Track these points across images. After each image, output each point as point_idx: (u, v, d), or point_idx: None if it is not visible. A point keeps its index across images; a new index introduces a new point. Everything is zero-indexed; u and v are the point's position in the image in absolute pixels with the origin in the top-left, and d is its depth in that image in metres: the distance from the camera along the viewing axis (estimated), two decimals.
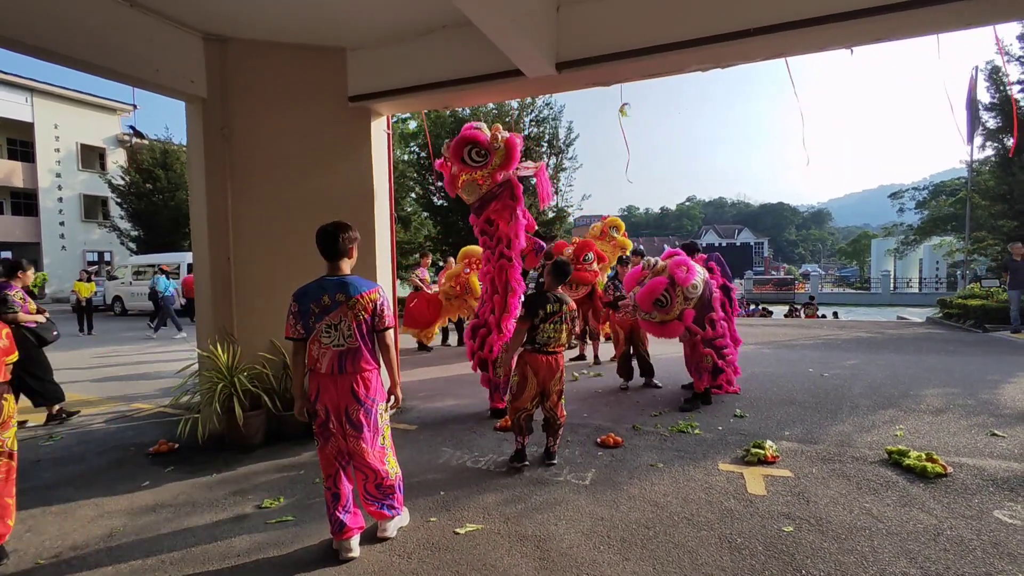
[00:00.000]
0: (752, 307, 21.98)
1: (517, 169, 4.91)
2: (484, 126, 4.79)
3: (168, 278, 13.50)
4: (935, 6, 3.23)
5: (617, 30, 4.00)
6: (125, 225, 23.00)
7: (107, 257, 28.46)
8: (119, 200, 22.72)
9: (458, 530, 3.00)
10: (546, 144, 16.90)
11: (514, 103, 16.65)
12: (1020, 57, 11.89)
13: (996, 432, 4.39)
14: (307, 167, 4.99)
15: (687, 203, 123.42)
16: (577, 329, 5.09)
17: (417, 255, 17.53)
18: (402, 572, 2.62)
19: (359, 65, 4.96)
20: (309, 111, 5.00)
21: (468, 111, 16.57)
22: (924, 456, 3.74)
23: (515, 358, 3.97)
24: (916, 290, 38.60)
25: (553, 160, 17.20)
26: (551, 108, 16.91)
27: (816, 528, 2.95)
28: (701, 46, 3.76)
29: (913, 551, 2.70)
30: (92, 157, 28.87)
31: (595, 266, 7.50)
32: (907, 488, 3.42)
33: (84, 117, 28.22)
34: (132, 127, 25.50)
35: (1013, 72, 12.21)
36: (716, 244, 69.96)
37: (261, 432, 4.57)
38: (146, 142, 23.09)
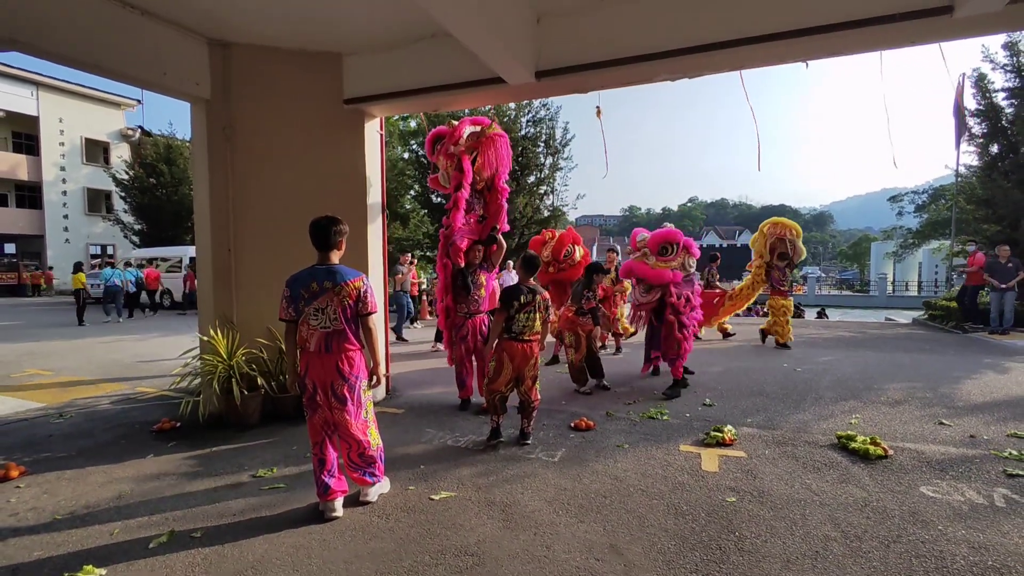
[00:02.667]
0: (747, 308, 22.21)
1: (471, 140, 5.06)
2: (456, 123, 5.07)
3: (125, 268, 16.17)
4: (875, 26, 3.53)
5: (592, 42, 4.30)
6: (128, 219, 23.37)
7: (110, 251, 28.85)
8: (123, 194, 23.09)
9: (433, 496, 3.32)
10: (542, 144, 17.19)
11: (512, 103, 16.93)
12: (1005, 65, 12.18)
13: (944, 421, 4.69)
14: (303, 165, 5.30)
15: (689, 204, 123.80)
16: (552, 317, 5.21)
17: (417, 252, 17.86)
18: (380, 530, 2.94)
19: (354, 70, 5.27)
20: (306, 112, 5.31)
21: (467, 110, 16.88)
22: (869, 440, 4.04)
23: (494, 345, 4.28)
24: (914, 293, 38.81)
25: (550, 160, 17.50)
26: (548, 109, 17.22)
27: (757, 499, 3.26)
28: (668, 58, 4.07)
29: (839, 518, 3.01)
30: (96, 151, 29.24)
31: (577, 257, 7.58)
32: (848, 468, 3.72)
33: (89, 111, 28.60)
34: (140, 127, 25.85)
35: (998, 79, 12.50)
36: (717, 245, 70.19)
37: (258, 412, 4.89)
38: (150, 138, 23.43)
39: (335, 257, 3.14)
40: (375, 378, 3.23)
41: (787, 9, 3.78)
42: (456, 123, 5.06)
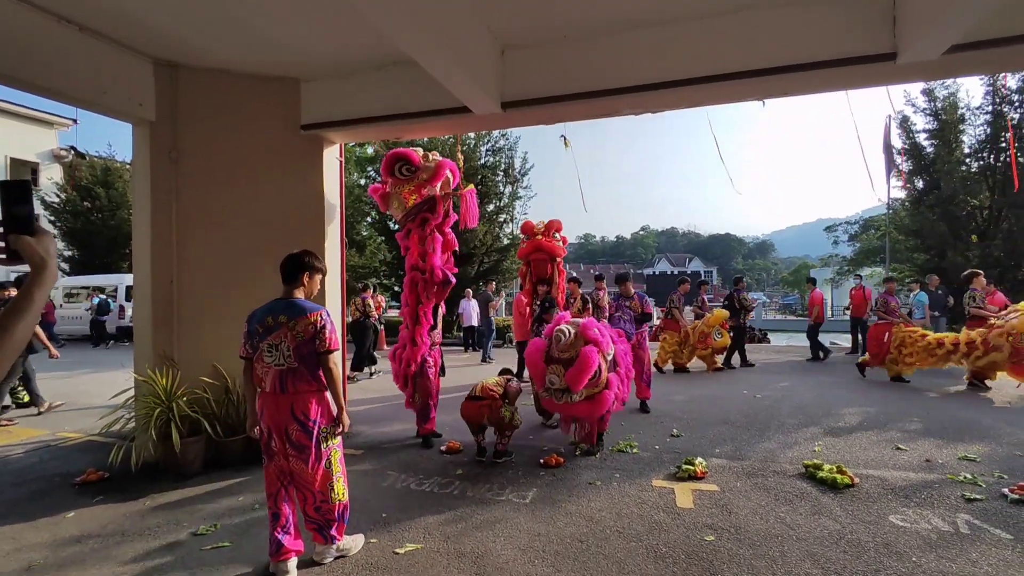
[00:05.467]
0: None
1: (446, 188, 5.11)
2: (420, 150, 5.05)
3: None
4: (825, 69, 3.71)
5: (558, 75, 4.33)
6: (59, 245, 21.74)
7: None
8: (52, 218, 21.51)
9: (398, 550, 3.06)
10: (502, 173, 17.35)
11: (471, 133, 17.07)
12: (924, 109, 13.36)
13: (900, 446, 4.83)
14: (257, 192, 5.03)
15: (641, 232, 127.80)
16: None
17: (373, 280, 17.45)
18: None
19: (313, 95, 5.09)
20: (261, 137, 5.07)
21: (426, 139, 16.87)
22: (835, 469, 4.08)
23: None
24: (848, 317, 41.12)
25: (509, 189, 17.65)
26: (506, 139, 17.45)
27: (735, 537, 3.18)
28: (631, 93, 4.14)
29: (817, 554, 2.96)
30: (23, 172, 27.21)
31: (558, 239, 7.70)
32: (819, 498, 3.72)
33: (16, 129, 26.60)
34: (73, 147, 24.37)
35: (920, 122, 13.68)
36: (669, 272, 72.49)
37: (200, 459, 4.46)
38: (85, 159, 22.13)
39: (299, 293, 2.91)
40: (340, 425, 2.92)
41: (743, 51, 3.94)
42: (433, 158, 5.02)
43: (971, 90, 19.69)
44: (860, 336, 11.18)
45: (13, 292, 6.99)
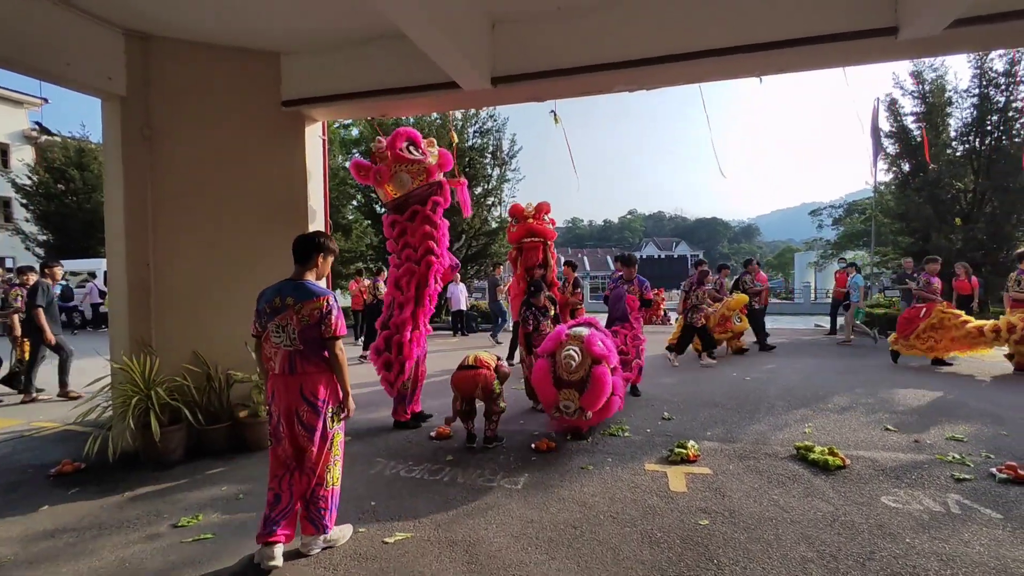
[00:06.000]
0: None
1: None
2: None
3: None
4: (824, 43, 3.61)
5: (549, 50, 4.17)
6: (32, 228, 21.04)
7: (9, 263, 25.86)
8: (24, 201, 20.78)
9: (387, 539, 2.98)
10: (489, 155, 17.08)
11: (457, 113, 16.74)
12: (912, 92, 13.35)
13: (889, 427, 4.85)
14: (237, 172, 4.82)
15: (629, 216, 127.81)
16: None
17: (360, 264, 17.20)
18: None
19: (294, 70, 4.87)
20: (240, 114, 4.85)
21: (412, 119, 16.51)
22: (827, 451, 4.08)
23: None
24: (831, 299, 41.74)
25: (496, 171, 17.40)
26: (495, 120, 17.15)
27: (729, 520, 3.15)
28: (625, 69, 4.00)
29: (811, 536, 2.95)
30: None
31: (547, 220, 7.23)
32: (811, 480, 3.72)
33: None
34: (38, 123, 23.48)
35: (907, 104, 13.67)
36: (656, 256, 72.79)
37: (181, 448, 4.33)
38: (58, 139, 21.35)
39: (310, 275, 2.89)
40: (345, 410, 2.93)
41: (741, 26, 3.82)
42: (436, 150, 5.04)
43: (959, 72, 19.91)
44: (839, 319, 11.48)
45: (34, 277, 7.04)
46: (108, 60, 4.38)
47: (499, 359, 4.62)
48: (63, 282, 15.41)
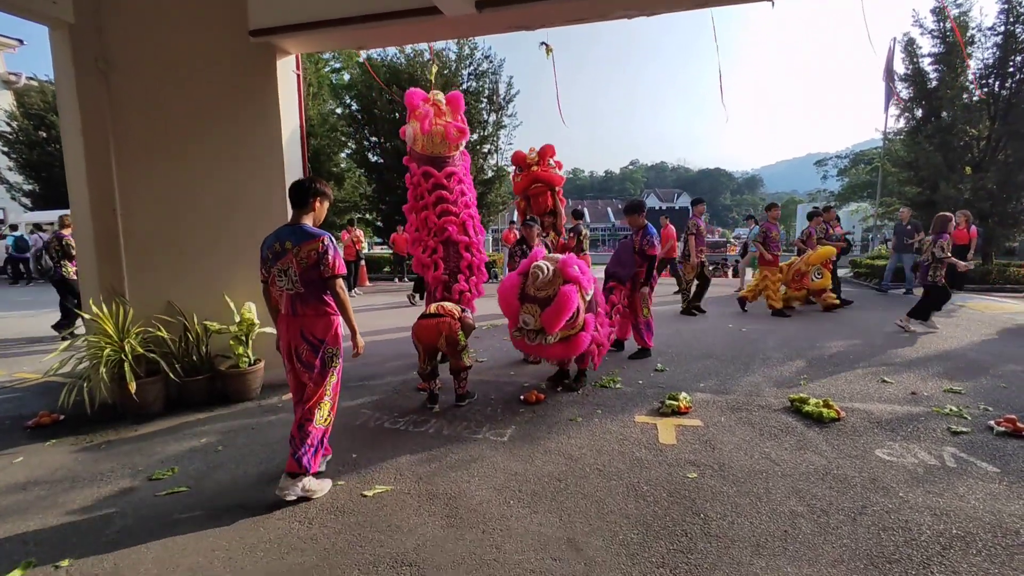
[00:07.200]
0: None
1: None
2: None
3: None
4: None
5: None
6: (16, 178, 20.46)
7: None
8: (6, 149, 20.11)
9: (366, 492, 2.90)
10: (485, 100, 16.34)
11: (451, 54, 15.90)
12: (932, 30, 12.53)
13: (886, 379, 4.75)
14: (203, 110, 4.48)
15: (630, 167, 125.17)
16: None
17: (353, 215, 16.81)
18: (300, 539, 2.49)
19: None
20: (204, 46, 4.46)
21: (404, 61, 15.69)
22: (821, 403, 3.98)
23: None
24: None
25: (493, 117, 16.71)
26: (491, 62, 16.30)
27: (718, 473, 3.07)
28: None
29: (802, 490, 2.86)
30: None
31: (551, 164, 6.75)
32: (804, 433, 3.63)
33: None
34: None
35: (926, 45, 12.88)
36: (658, 207, 71.85)
37: (160, 400, 4.23)
38: (35, 83, 20.40)
39: (307, 219, 2.93)
40: (355, 348, 3.02)
41: None
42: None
43: (985, 7, 18.52)
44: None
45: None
46: None
47: (463, 310, 4.39)
48: (16, 233, 15.18)
